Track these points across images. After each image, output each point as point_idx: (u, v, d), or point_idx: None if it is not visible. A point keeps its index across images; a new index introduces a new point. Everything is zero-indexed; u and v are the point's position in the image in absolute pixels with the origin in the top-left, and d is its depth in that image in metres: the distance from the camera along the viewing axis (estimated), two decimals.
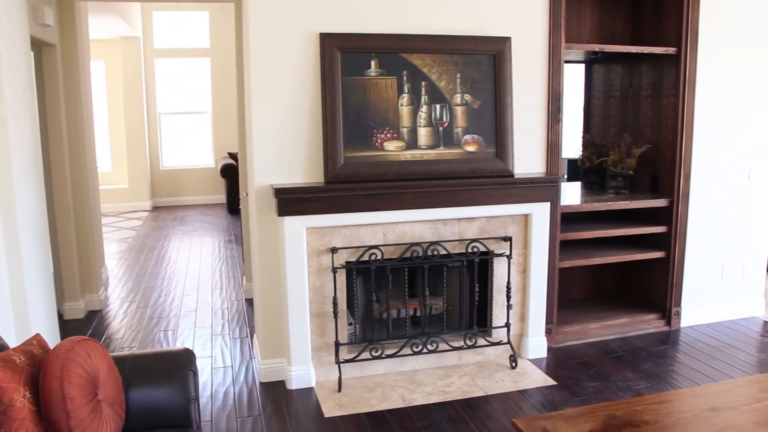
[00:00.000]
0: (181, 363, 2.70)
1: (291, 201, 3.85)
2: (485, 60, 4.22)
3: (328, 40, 3.90)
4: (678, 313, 5.14)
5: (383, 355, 4.20)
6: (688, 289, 5.15)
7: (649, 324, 5.10)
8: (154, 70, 11.38)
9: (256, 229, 4.07)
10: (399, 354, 4.22)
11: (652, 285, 5.24)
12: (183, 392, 2.61)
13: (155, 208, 11.39)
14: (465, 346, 4.36)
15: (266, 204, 4.00)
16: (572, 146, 5.71)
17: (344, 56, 3.94)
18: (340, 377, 4.07)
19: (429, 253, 4.17)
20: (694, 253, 5.10)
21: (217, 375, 4.35)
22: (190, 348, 3.60)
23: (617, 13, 5.24)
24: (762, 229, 5.39)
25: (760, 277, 5.49)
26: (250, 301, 5.80)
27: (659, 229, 4.99)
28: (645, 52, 4.79)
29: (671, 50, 4.80)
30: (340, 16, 3.95)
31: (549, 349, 4.67)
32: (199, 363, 4.45)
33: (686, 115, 4.83)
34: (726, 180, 5.12)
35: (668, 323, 5.13)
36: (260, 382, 4.20)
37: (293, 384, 4.09)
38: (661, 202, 4.94)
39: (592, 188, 5.37)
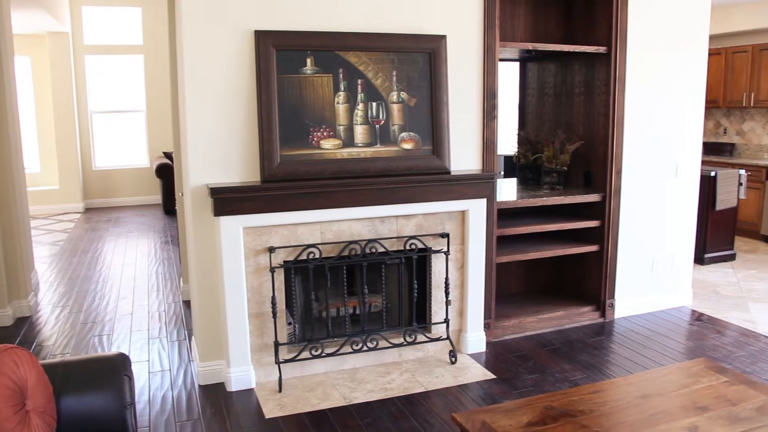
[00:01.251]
0: (116, 368, 2.63)
1: (227, 201, 3.80)
2: (421, 58, 4.25)
3: (263, 38, 3.86)
4: (612, 305, 5.28)
5: (323, 354, 4.19)
6: (621, 281, 5.30)
7: (584, 316, 5.22)
8: (85, 67, 11.05)
9: (192, 230, 4.00)
10: (339, 352, 4.22)
11: (587, 278, 5.36)
12: (118, 398, 2.54)
13: (88, 210, 11.09)
14: (405, 343, 4.39)
15: (202, 204, 3.94)
16: (508, 143, 5.79)
17: (280, 54, 3.90)
18: (280, 377, 4.04)
19: (367, 250, 4.18)
20: (626, 247, 5.24)
21: (154, 379, 4.27)
22: (126, 352, 3.52)
23: (550, 13, 5.33)
24: (689, 222, 5.57)
25: (688, 268, 5.68)
26: (187, 303, 5.70)
27: (593, 223, 5.11)
28: (577, 51, 4.90)
29: (602, 49, 4.92)
30: (275, 14, 3.92)
31: (488, 343, 4.73)
32: (135, 367, 4.36)
33: (617, 113, 4.95)
34: (655, 175, 5.28)
35: (603, 315, 5.26)
36: (199, 385, 4.13)
37: (233, 386, 4.04)
38: (594, 197, 5.06)
39: (527, 184, 5.46)
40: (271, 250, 3.96)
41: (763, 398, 2.83)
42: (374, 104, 4.14)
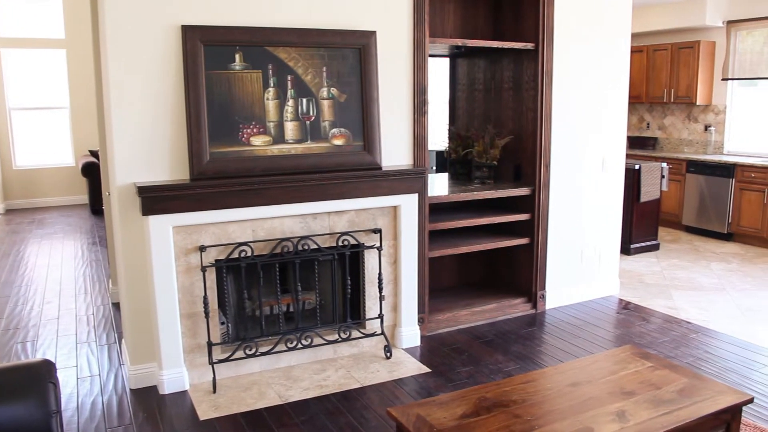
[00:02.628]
0: (40, 375, 2.54)
1: (155, 199, 3.72)
2: (351, 54, 4.24)
3: (190, 33, 3.78)
4: (543, 296, 5.39)
5: (258, 353, 4.15)
6: (552, 272, 5.42)
7: (516, 308, 5.31)
8: (1, 61, 10.61)
9: (120, 230, 3.90)
10: (274, 351, 4.18)
11: (518, 270, 5.46)
12: (42, 406, 2.45)
13: (9, 211, 10.67)
14: (340, 339, 4.38)
15: (129, 203, 3.84)
16: (439, 138, 5.85)
17: (207, 49, 3.83)
18: (214, 378, 3.98)
19: (300, 247, 4.15)
20: (555, 239, 5.37)
21: (83, 385, 4.14)
22: (52, 359, 3.41)
23: (479, 10, 5.40)
24: (615, 214, 5.74)
25: (615, 259, 5.85)
26: (117, 305, 5.55)
27: (523, 216, 5.21)
28: (505, 47, 4.98)
29: (530, 45, 5.01)
30: (203, 8, 3.84)
31: (422, 337, 4.77)
32: (62, 374, 4.23)
33: (545, 107, 5.06)
34: (582, 168, 5.42)
35: (534, 306, 5.37)
36: (131, 389, 4.04)
37: (166, 388, 3.96)
38: (524, 191, 5.16)
39: (458, 179, 5.52)
40: (202, 249, 3.90)
41: (685, 381, 2.94)
42: (304, 100, 4.11)
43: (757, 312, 5.44)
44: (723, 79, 8.69)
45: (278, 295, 4.21)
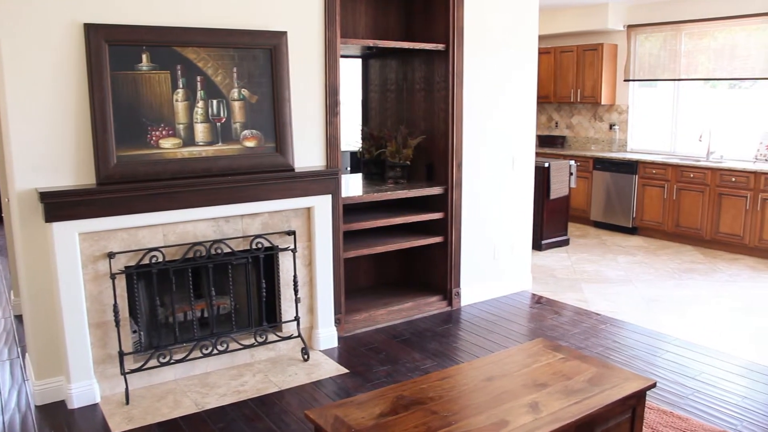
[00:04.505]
0: None
1: (59, 205, 3.57)
2: (262, 54, 4.19)
3: (93, 32, 3.65)
4: (458, 294, 5.47)
5: (172, 361, 4.05)
6: (466, 270, 5.51)
7: (432, 306, 5.38)
8: None
9: (21, 238, 3.72)
10: (189, 358, 4.09)
11: (433, 268, 5.53)
12: None
13: None
14: (256, 343, 4.33)
15: (31, 210, 3.67)
16: (352, 139, 5.86)
17: (113, 49, 3.71)
18: (127, 389, 3.86)
19: (213, 251, 4.08)
20: (469, 237, 5.46)
21: None
22: None
23: (390, 11, 5.44)
24: (526, 211, 5.89)
25: (527, 255, 6.00)
26: (20, 318, 5.30)
27: (436, 215, 5.27)
28: (417, 47, 5.03)
29: (440, 46, 5.08)
30: (107, 6, 3.70)
31: (340, 338, 4.77)
32: None
33: (456, 108, 5.14)
34: (494, 167, 5.53)
35: (450, 303, 5.45)
36: (36, 406, 3.85)
37: (75, 403, 3.81)
38: (436, 190, 5.22)
39: (372, 179, 5.54)
40: (111, 255, 3.77)
41: (594, 370, 3.04)
42: (215, 102, 4.04)
43: (660, 301, 5.69)
44: (625, 80, 9.05)
45: (192, 300, 4.12)
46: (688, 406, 3.82)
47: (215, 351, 4.18)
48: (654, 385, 2.95)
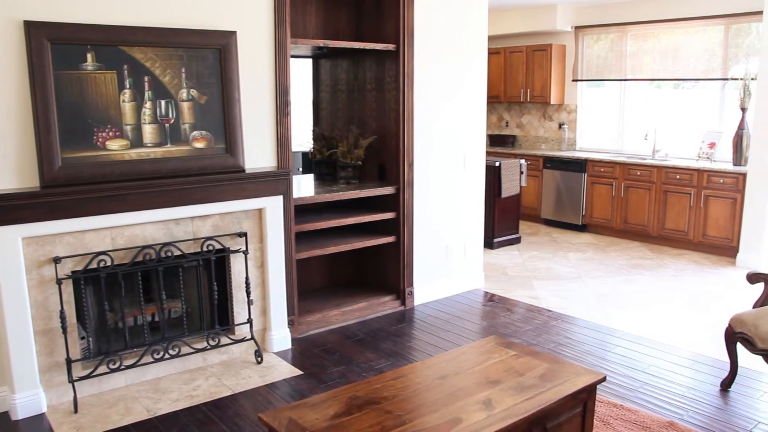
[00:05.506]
0: None
1: (1, 209, 3.46)
2: (211, 54, 4.14)
3: (34, 30, 3.54)
4: (411, 293, 5.49)
5: (122, 367, 3.97)
6: (419, 269, 5.53)
7: (385, 305, 5.38)
8: None
9: None
10: (139, 363, 4.02)
11: (386, 268, 5.54)
12: None
13: None
14: (209, 347, 4.27)
15: None
16: (304, 139, 5.83)
17: (56, 48, 3.61)
18: (75, 397, 3.76)
19: (163, 254, 4.01)
20: (421, 236, 5.48)
21: None
22: None
23: (341, 10, 5.43)
24: (478, 210, 5.94)
25: (479, 253, 6.06)
26: None
27: (389, 215, 5.28)
28: (367, 48, 5.03)
29: (391, 47, 5.09)
30: (48, 3, 3.60)
31: (293, 340, 4.74)
32: None
33: (406, 108, 5.15)
34: (445, 166, 5.57)
35: (403, 303, 5.46)
36: None
37: (19, 413, 3.69)
38: (388, 190, 5.23)
39: (324, 179, 5.53)
40: (57, 260, 3.68)
41: (545, 366, 3.08)
42: (163, 102, 3.98)
43: (610, 297, 5.80)
44: (573, 80, 9.21)
45: (142, 304, 4.05)
46: (637, 398, 3.90)
47: (167, 355, 4.11)
48: (604, 379, 3.01)
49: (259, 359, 4.39)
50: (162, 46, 3.94)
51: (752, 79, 6.94)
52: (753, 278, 4.05)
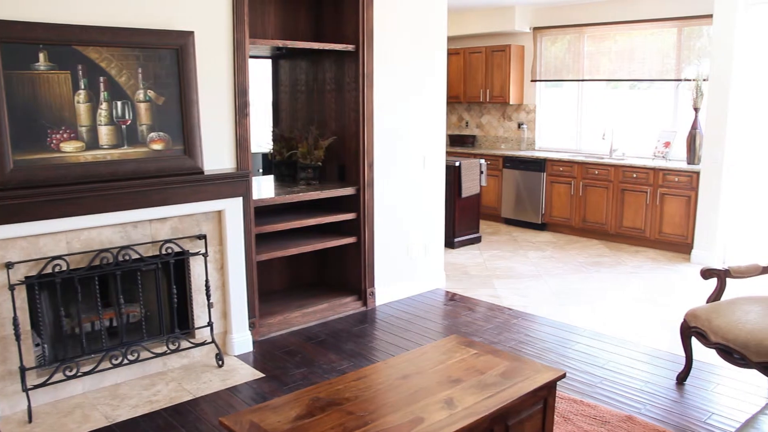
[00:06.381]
0: None
1: None
2: (168, 55, 4.09)
3: None
4: (373, 293, 5.49)
5: (79, 374, 3.89)
6: (380, 269, 5.53)
7: (347, 306, 5.37)
8: None
9: None
10: (97, 369, 3.94)
11: (348, 269, 5.53)
12: None
13: None
14: (169, 351, 4.22)
15: None
16: (264, 140, 5.80)
17: (6, 47, 3.52)
18: (29, 406, 3.67)
19: (120, 258, 3.94)
20: (382, 236, 5.49)
21: None
22: None
23: (300, 11, 5.41)
24: (438, 209, 5.97)
25: (440, 253, 6.08)
26: None
27: (349, 216, 5.28)
28: (327, 48, 5.02)
29: (350, 47, 5.09)
30: None
31: (254, 342, 4.70)
32: None
33: (366, 108, 5.15)
34: (405, 167, 5.58)
35: (365, 304, 5.46)
36: None
37: None
38: (349, 191, 5.23)
39: (284, 181, 5.50)
40: (9, 265, 3.59)
41: (506, 364, 3.11)
42: (119, 103, 3.91)
43: (569, 295, 5.88)
44: (532, 81, 9.30)
45: (100, 309, 3.98)
46: (596, 393, 3.96)
47: (125, 361, 4.05)
48: (564, 376, 3.04)
49: (220, 363, 4.35)
50: (118, 46, 3.88)
51: (704, 80, 7.09)
52: (706, 274, 4.15)
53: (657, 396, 3.93)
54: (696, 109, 7.22)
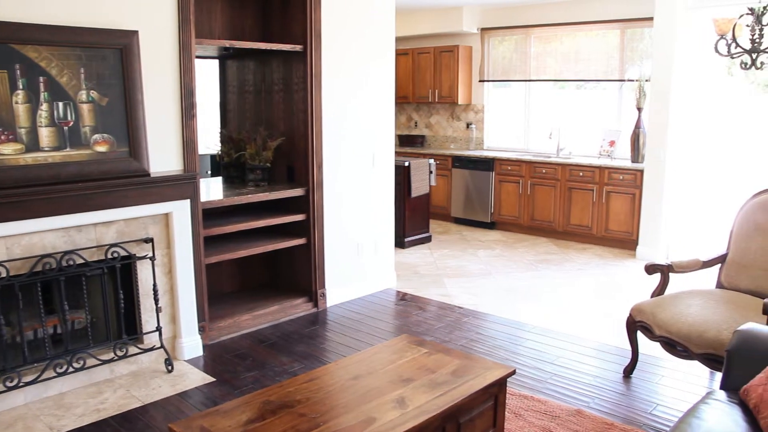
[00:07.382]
0: None
1: None
2: (112, 54, 4.00)
3: None
4: (323, 294, 5.47)
5: (21, 384, 3.77)
6: (330, 270, 5.51)
7: (298, 308, 5.34)
8: None
9: None
10: (41, 379, 3.83)
11: (298, 271, 5.50)
12: None
13: None
14: (116, 358, 4.13)
15: None
16: (212, 142, 5.72)
17: None
18: None
19: (64, 263, 3.84)
20: (332, 237, 5.47)
21: None
22: None
23: (247, 11, 5.36)
24: (388, 209, 5.98)
25: (390, 253, 6.10)
26: None
27: (299, 217, 5.25)
28: (274, 48, 4.98)
29: (298, 47, 5.06)
30: None
31: (205, 346, 4.64)
32: None
33: (314, 108, 5.13)
34: (354, 167, 5.58)
35: (316, 305, 5.44)
36: None
37: None
38: (298, 192, 5.20)
39: (233, 182, 5.44)
40: None
41: (457, 362, 3.13)
42: (60, 104, 3.81)
43: (519, 292, 5.95)
44: (480, 81, 9.39)
45: (43, 316, 3.86)
46: (546, 389, 4.01)
47: (71, 369, 3.95)
48: (514, 373, 3.08)
49: (170, 368, 4.28)
50: (58, 45, 3.78)
51: (646, 80, 7.26)
52: (650, 269, 4.25)
53: (605, 389, 4.01)
54: (639, 109, 7.39)
